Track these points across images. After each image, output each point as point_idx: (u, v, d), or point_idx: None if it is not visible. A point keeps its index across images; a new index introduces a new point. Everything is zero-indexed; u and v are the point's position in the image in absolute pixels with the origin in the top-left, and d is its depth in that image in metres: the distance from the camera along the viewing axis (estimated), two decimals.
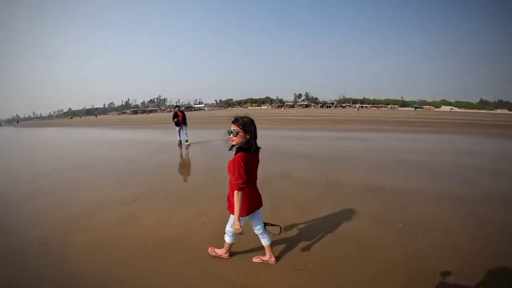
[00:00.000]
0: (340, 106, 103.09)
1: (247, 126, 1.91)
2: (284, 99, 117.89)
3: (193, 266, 2.37)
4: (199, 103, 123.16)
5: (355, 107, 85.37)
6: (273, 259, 2.35)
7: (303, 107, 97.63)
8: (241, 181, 1.86)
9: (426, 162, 6.66)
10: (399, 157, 7.31)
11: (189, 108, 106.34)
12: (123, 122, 31.92)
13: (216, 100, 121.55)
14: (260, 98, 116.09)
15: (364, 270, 2.32)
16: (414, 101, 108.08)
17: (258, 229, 2.26)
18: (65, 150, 9.87)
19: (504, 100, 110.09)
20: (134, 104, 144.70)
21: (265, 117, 27.37)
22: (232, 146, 2.00)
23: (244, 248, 2.60)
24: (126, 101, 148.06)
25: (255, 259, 2.39)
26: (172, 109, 10.77)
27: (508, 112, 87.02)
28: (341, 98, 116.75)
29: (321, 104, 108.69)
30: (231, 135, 1.92)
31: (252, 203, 2.08)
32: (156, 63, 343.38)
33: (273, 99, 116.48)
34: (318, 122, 21.07)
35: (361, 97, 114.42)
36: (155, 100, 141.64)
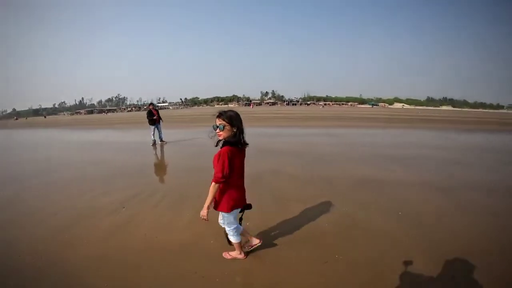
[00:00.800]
0: (305, 104, 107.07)
1: (233, 119, 1.90)
2: (251, 97, 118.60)
3: (214, 272, 2.26)
4: (163, 102, 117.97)
5: (320, 105, 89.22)
6: (242, 255, 2.37)
7: (270, 105, 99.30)
8: (220, 175, 1.84)
9: (398, 156, 7.23)
10: (373, 151, 7.82)
11: None
12: (79, 122, 29.15)
13: (181, 99, 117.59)
14: (227, 97, 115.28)
15: (387, 251, 2.44)
16: (371, 99, 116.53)
17: (233, 228, 2.22)
18: (22, 155, 8.70)
19: (448, 97, 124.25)
20: (90, 103, 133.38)
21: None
22: (219, 141, 1.99)
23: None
24: (80, 100, 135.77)
25: (226, 255, 2.41)
26: (146, 107, 10.06)
27: (452, 108, 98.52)
28: (306, 96, 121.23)
29: (287, 102, 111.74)
30: (217, 130, 1.90)
31: (238, 200, 2.07)
32: (115, 61, 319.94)
33: (240, 97, 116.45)
34: (289, 119, 21.57)
35: (324, 95, 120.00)
36: (114, 99, 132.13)
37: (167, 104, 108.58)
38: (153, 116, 8.75)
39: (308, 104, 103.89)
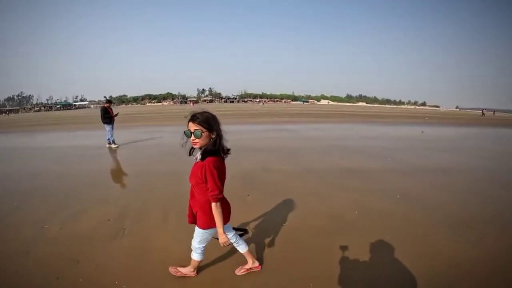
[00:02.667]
0: (243, 101, 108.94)
1: (211, 123, 1.59)
2: (187, 95, 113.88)
3: None
4: (82, 100, 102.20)
5: (260, 102, 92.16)
6: (256, 264, 2.14)
7: (207, 103, 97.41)
8: (217, 192, 1.58)
9: (354, 147, 8.14)
10: (332, 143, 8.60)
11: (68, 106, 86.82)
12: None
13: (105, 97, 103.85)
14: (161, 94, 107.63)
15: (402, 226, 2.73)
16: (302, 96, 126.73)
17: (231, 238, 1.98)
18: None
19: (362, 95, 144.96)
20: None
21: (177, 113, 25.70)
22: (192, 149, 1.72)
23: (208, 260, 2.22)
24: None
25: (239, 272, 2.11)
26: (100, 105, 8.44)
27: (366, 104, 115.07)
28: (243, 93, 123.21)
29: (225, 99, 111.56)
30: (192, 137, 1.57)
31: (226, 214, 1.81)
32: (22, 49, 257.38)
33: (175, 94, 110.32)
34: (238, 116, 21.62)
35: (260, 92, 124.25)
36: (16, 97, 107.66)
37: (86, 103, 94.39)
38: (110, 114, 7.77)
39: (245, 102, 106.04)
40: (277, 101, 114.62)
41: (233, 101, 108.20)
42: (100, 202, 3.55)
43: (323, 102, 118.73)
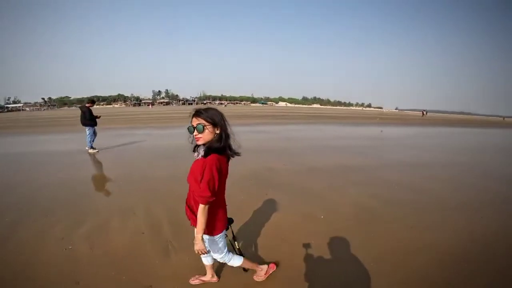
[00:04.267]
0: (202, 103, 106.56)
1: (216, 118, 1.48)
2: (141, 96, 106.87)
3: None
4: (15, 102, 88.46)
5: (222, 104, 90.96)
6: (215, 278, 1.99)
7: (164, 105, 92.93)
8: (209, 194, 1.40)
9: (338, 146, 8.68)
10: (315, 143, 9.02)
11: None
12: None
13: (43, 98, 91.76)
14: (111, 96, 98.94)
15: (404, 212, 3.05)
16: (261, 98, 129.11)
17: (220, 248, 1.76)
18: None
19: (317, 97, 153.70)
20: None
21: (139, 115, 23.99)
22: (197, 146, 1.56)
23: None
24: None
25: (193, 281, 1.97)
26: (86, 104, 7.30)
27: (320, 106, 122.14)
28: (202, 95, 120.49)
29: (183, 102, 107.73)
30: (195, 132, 1.45)
31: (225, 217, 1.70)
32: None
33: (127, 96, 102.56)
34: None
35: (219, 94, 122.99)
36: None
37: (21, 105, 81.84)
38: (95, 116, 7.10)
39: (204, 104, 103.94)
40: (237, 103, 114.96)
41: (191, 103, 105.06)
42: (115, 213, 3.13)
43: (281, 104, 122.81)
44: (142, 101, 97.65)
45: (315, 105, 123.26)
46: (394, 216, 3.27)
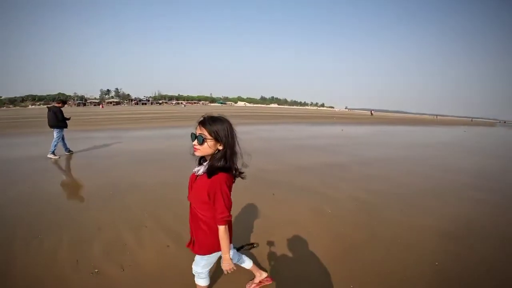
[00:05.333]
0: (157, 103, 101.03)
1: (221, 133, 1.34)
2: (87, 96, 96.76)
3: None
4: None
5: (181, 103, 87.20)
6: (264, 275, 2.03)
7: (114, 105, 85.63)
8: (227, 214, 1.36)
9: (314, 145, 9.20)
10: (292, 143, 9.43)
11: None
12: None
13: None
14: (49, 95, 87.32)
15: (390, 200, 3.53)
16: (220, 98, 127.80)
17: (234, 260, 1.70)
18: None
19: (274, 97, 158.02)
20: None
21: (92, 117, 21.69)
22: (202, 158, 1.47)
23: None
24: None
25: (250, 287, 2.00)
26: (55, 104, 6.50)
27: (278, 105, 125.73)
28: (157, 94, 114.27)
29: (136, 101, 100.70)
30: (195, 142, 1.35)
31: (231, 235, 1.57)
32: None
33: (69, 95, 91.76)
34: (169, 119, 20.04)
35: (176, 94, 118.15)
36: None
37: None
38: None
39: (160, 103, 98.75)
40: (195, 103, 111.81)
41: (145, 103, 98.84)
42: (123, 226, 2.87)
43: (240, 104, 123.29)
44: (88, 101, 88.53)
45: (273, 105, 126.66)
46: (386, 205, 3.81)
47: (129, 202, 3.60)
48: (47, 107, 6.62)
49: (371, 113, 53.62)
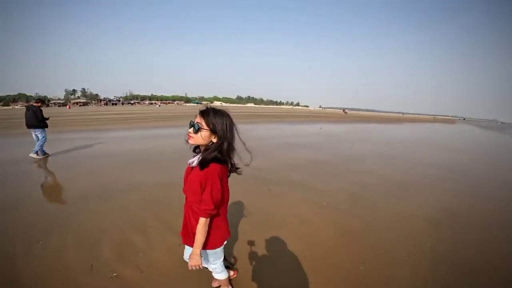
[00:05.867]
0: (128, 103, 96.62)
1: (218, 126, 1.33)
2: (50, 96, 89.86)
3: None
4: None
5: (154, 104, 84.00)
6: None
7: (80, 105, 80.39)
8: (211, 206, 1.31)
9: (298, 143, 9.50)
10: (276, 142, 9.65)
11: None
12: None
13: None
14: (8, 96, 79.77)
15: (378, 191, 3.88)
16: (195, 98, 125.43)
17: (216, 264, 1.69)
18: None
19: (251, 96, 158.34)
20: None
21: (64, 117, 20.23)
22: (197, 148, 1.46)
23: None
24: None
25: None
26: (33, 103, 6.28)
27: (254, 105, 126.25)
28: (129, 94, 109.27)
29: (105, 102, 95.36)
30: (191, 130, 1.33)
31: (227, 230, 1.58)
32: None
33: (31, 96, 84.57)
34: (146, 119, 19.32)
35: (149, 94, 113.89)
36: None
37: None
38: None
39: (131, 104, 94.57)
40: (169, 102, 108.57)
41: (115, 104, 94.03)
42: (127, 228, 2.81)
43: (216, 103, 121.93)
44: (52, 102, 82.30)
45: (249, 104, 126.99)
46: (376, 195, 4.16)
47: (127, 203, 3.52)
48: (25, 106, 6.44)
49: (345, 112, 55.85)
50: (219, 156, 1.34)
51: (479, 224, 3.30)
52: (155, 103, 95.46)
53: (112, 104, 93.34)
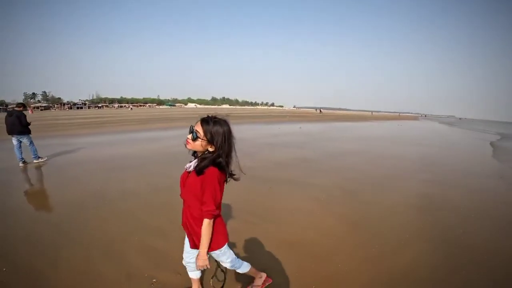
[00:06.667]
0: (96, 107, 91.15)
1: (216, 137, 1.36)
2: (7, 100, 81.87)
3: None
4: None
5: (124, 106, 79.88)
6: (264, 276, 2.01)
7: (41, 110, 74.26)
8: (213, 207, 1.38)
9: (281, 142, 9.86)
10: (263, 141, 9.98)
11: None
12: None
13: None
14: None
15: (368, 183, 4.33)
16: (168, 100, 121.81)
17: (230, 261, 1.69)
18: None
19: (226, 97, 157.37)
20: None
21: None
22: (195, 153, 1.47)
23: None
24: None
25: None
26: (15, 108, 5.98)
27: (229, 106, 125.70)
28: (95, 97, 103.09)
29: (69, 105, 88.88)
30: (189, 136, 1.38)
31: (224, 234, 1.59)
32: None
33: None
34: (121, 123, 18.56)
35: (118, 96, 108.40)
36: None
37: None
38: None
39: (99, 107, 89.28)
40: (141, 105, 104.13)
41: (81, 107, 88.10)
42: (144, 233, 2.85)
43: (191, 105, 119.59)
44: (9, 107, 75.03)
45: (224, 106, 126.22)
46: (363, 188, 4.61)
47: (131, 209, 3.52)
48: (7, 111, 6.17)
49: (320, 111, 57.85)
50: (216, 164, 1.37)
51: (456, 210, 3.81)
52: (126, 106, 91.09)
53: (78, 108, 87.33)
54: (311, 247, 2.64)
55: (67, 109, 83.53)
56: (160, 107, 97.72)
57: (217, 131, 1.36)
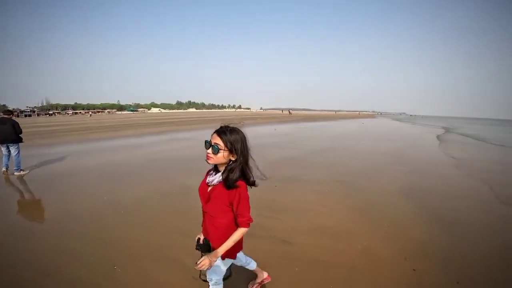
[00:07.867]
0: (46, 114, 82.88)
1: (237, 145, 1.39)
2: None
3: None
4: None
5: (79, 113, 73.50)
6: (265, 275, 2.13)
7: None
8: (249, 216, 1.44)
9: (265, 143, 10.30)
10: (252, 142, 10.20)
11: None
12: None
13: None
14: None
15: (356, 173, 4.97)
16: (130, 105, 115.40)
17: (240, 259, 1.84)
18: None
19: (191, 101, 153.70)
20: None
21: None
22: (214, 168, 1.50)
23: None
24: None
25: (252, 287, 2.11)
26: (5, 116, 5.71)
27: (196, 110, 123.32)
28: (46, 104, 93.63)
29: (16, 113, 79.41)
30: (210, 150, 1.38)
31: (240, 241, 1.61)
32: None
33: None
34: (90, 130, 17.31)
35: (72, 102, 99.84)
36: None
37: None
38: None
39: (50, 115, 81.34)
40: (99, 111, 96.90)
41: (30, 115, 79.31)
42: (171, 238, 3.01)
43: (154, 110, 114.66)
44: None
45: (190, 110, 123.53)
46: (355, 180, 5.20)
47: (155, 214, 3.56)
48: (1, 118, 5.73)
49: (290, 113, 59.65)
50: (242, 176, 1.43)
51: (439, 194, 4.54)
52: (83, 112, 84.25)
53: (26, 116, 78.49)
54: (336, 231, 3.07)
55: (15, 116, 74.47)
56: (122, 112, 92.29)
57: (236, 139, 1.39)
